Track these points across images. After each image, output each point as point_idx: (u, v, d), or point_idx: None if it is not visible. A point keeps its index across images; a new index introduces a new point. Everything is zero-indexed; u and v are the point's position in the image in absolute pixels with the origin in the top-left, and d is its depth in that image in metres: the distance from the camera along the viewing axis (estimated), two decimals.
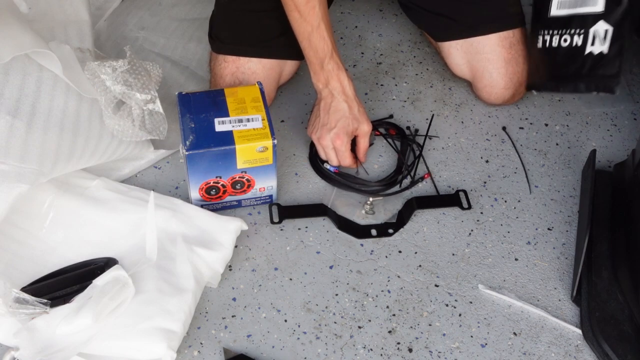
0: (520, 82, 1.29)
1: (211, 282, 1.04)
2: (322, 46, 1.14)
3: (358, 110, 1.15)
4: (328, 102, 1.16)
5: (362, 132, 1.16)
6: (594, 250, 1.06)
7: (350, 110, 1.15)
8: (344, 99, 1.15)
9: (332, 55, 1.14)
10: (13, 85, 1.02)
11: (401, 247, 1.12)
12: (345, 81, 1.14)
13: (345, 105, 1.15)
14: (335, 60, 1.14)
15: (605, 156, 1.27)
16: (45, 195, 1.07)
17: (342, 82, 1.14)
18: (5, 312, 0.92)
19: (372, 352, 0.99)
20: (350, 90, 1.15)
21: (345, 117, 1.14)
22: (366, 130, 1.16)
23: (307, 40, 1.15)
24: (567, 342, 1.01)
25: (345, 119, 1.14)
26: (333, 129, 1.14)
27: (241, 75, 1.23)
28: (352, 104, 1.15)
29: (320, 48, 1.14)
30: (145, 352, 0.93)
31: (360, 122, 1.15)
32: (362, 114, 1.16)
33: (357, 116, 1.15)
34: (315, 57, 1.15)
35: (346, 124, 1.14)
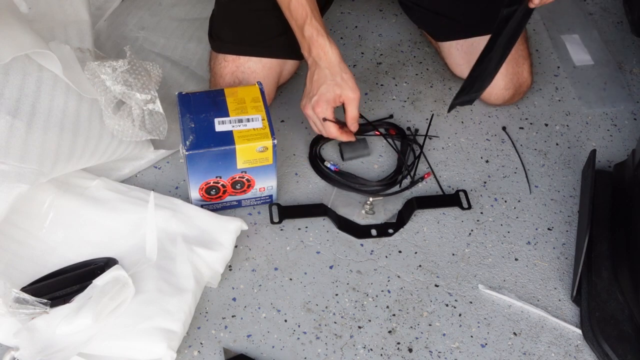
0: (521, 82, 1.29)
1: (211, 282, 1.04)
2: (301, 12, 1.11)
3: (342, 76, 1.12)
4: (312, 71, 1.14)
5: (347, 98, 1.13)
6: (594, 250, 1.06)
7: (332, 77, 1.12)
8: (325, 65, 1.12)
9: (310, 21, 1.11)
10: (13, 85, 1.02)
11: (401, 247, 1.12)
12: (326, 47, 1.11)
13: (327, 71, 1.12)
14: (314, 25, 1.11)
15: (605, 156, 1.27)
16: (45, 195, 1.07)
17: (324, 48, 1.11)
18: (5, 312, 0.92)
19: (372, 352, 0.99)
20: (333, 55, 1.12)
21: (325, 83, 1.11)
22: (351, 97, 1.12)
23: (287, 9, 1.13)
24: (567, 342, 1.01)
25: (325, 85, 1.11)
26: (314, 96, 1.12)
27: (241, 74, 1.23)
28: (334, 69, 1.12)
29: (299, 14, 1.11)
30: (145, 352, 0.93)
31: (344, 88, 1.12)
32: (346, 80, 1.12)
33: (340, 82, 1.12)
34: (296, 25, 1.13)
35: (326, 90, 1.11)
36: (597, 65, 1.44)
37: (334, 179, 1.19)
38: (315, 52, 1.12)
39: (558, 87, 1.40)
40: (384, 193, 1.19)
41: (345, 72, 1.13)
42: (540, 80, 1.40)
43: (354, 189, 1.19)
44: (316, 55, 1.12)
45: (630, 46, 1.50)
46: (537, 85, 1.39)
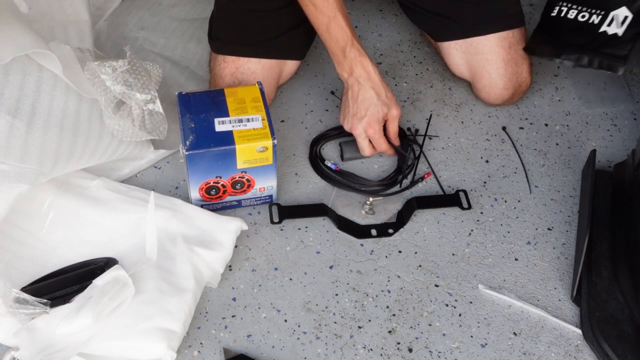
0: (520, 82, 1.29)
1: (211, 282, 1.04)
2: (342, 35, 1.14)
3: (386, 95, 1.16)
4: (355, 91, 1.16)
5: (392, 116, 1.17)
6: (594, 250, 1.06)
7: (378, 97, 1.15)
8: (370, 86, 1.15)
9: (352, 43, 1.14)
10: (13, 85, 1.02)
11: (401, 247, 1.12)
12: (369, 67, 1.15)
13: (373, 92, 1.15)
14: (356, 47, 1.14)
15: (605, 156, 1.27)
16: (45, 195, 1.07)
17: (367, 69, 1.15)
18: (5, 312, 0.92)
19: (372, 352, 0.99)
20: (375, 75, 1.15)
21: (374, 104, 1.15)
22: (395, 114, 1.17)
23: (326, 32, 1.15)
24: (567, 342, 1.01)
25: (374, 106, 1.15)
26: (364, 118, 1.15)
27: (241, 75, 1.23)
28: (380, 89, 1.15)
29: (340, 37, 1.14)
30: (145, 352, 0.93)
31: (390, 106, 1.16)
32: (390, 98, 1.16)
33: (386, 101, 1.16)
34: (337, 47, 1.15)
35: (376, 111, 1.15)
36: None
37: (334, 178, 1.20)
38: (358, 73, 1.15)
39: (558, 87, 1.40)
40: (384, 193, 1.19)
41: (388, 90, 1.17)
42: (540, 80, 1.40)
43: (354, 189, 1.19)
44: (359, 76, 1.15)
45: None
46: (537, 85, 1.39)
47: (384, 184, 1.19)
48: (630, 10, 1.14)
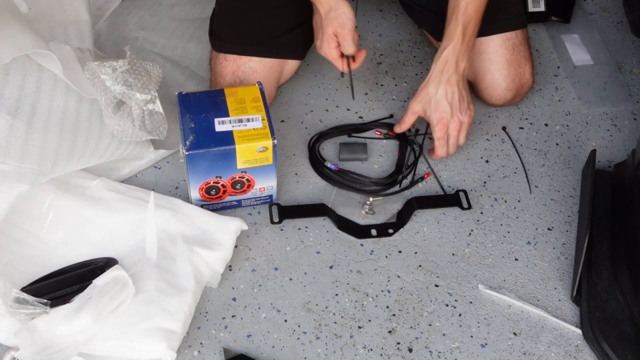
0: (522, 83, 1.29)
1: (211, 282, 1.04)
2: None
3: (331, 16, 1.14)
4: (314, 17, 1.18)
5: (339, 34, 1.16)
6: (594, 250, 1.06)
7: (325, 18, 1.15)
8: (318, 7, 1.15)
9: None
10: (13, 85, 1.02)
11: (401, 247, 1.12)
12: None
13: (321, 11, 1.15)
14: None
15: (605, 156, 1.27)
16: (45, 195, 1.07)
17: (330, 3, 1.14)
18: (5, 312, 0.92)
19: (372, 352, 0.99)
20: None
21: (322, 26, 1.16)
22: (340, 32, 1.15)
23: None
24: (567, 342, 1.01)
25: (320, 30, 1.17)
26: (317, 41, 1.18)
27: (242, 74, 1.23)
28: (326, 10, 1.14)
29: None
30: (145, 352, 0.93)
31: (333, 25, 1.14)
32: (334, 17, 1.14)
33: (329, 22, 1.15)
34: None
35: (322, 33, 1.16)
36: (597, 65, 1.44)
37: (334, 178, 1.19)
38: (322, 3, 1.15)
39: (558, 87, 1.40)
40: (383, 193, 1.19)
41: (334, 10, 1.14)
42: (540, 80, 1.40)
43: (354, 188, 1.19)
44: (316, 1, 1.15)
45: (630, 46, 1.50)
46: (537, 85, 1.39)
47: (384, 184, 1.19)
48: None
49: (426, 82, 1.18)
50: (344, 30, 1.15)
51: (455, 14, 1.15)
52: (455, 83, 1.16)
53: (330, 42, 1.17)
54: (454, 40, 1.15)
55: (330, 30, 1.15)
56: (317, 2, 1.15)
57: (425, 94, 1.18)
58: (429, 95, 1.17)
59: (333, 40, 1.17)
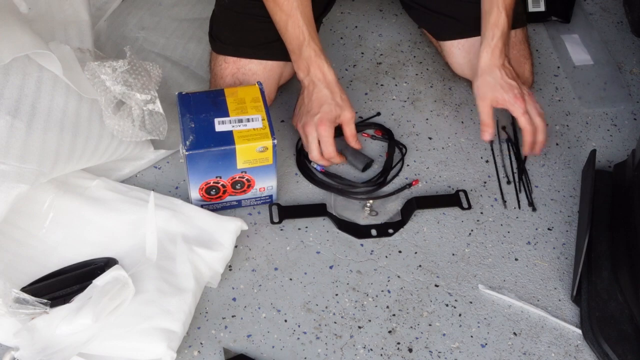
0: (522, 82, 1.29)
1: (211, 282, 1.04)
2: (297, 34, 1.14)
3: (340, 97, 1.15)
4: (310, 90, 1.16)
5: (345, 119, 1.16)
6: (594, 250, 1.06)
7: (332, 97, 1.15)
8: (325, 86, 1.15)
9: (308, 43, 1.14)
10: (13, 86, 1.02)
11: (401, 247, 1.12)
12: (324, 67, 1.15)
13: (327, 91, 1.15)
14: (312, 47, 1.14)
15: (605, 156, 1.27)
16: (45, 195, 1.07)
17: (322, 69, 1.15)
18: (5, 312, 0.92)
19: (372, 352, 0.99)
20: (331, 76, 1.15)
21: (327, 103, 1.14)
22: (349, 117, 1.16)
23: (284, 30, 1.16)
24: (567, 342, 1.01)
25: (327, 105, 1.14)
26: (316, 115, 1.14)
27: (242, 76, 1.23)
28: (334, 89, 1.15)
29: (295, 36, 1.15)
30: (145, 352, 0.93)
31: (343, 108, 1.15)
32: (344, 100, 1.16)
33: (340, 103, 1.15)
34: (292, 45, 1.16)
35: (329, 109, 1.14)
36: (597, 65, 1.44)
37: (321, 180, 1.19)
38: (314, 72, 1.15)
39: (558, 87, 1.40)
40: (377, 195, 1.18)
41: (342, 92, 1.17)
42: (540, 80, 1.40)
43: (341, 190, 1.18)
44: (314, 75, 1.15)
45: (630, 46, 1.50)
46: (537, 85, 1.39)
47: (371, 185, 1.19)
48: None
49: (482, 74, 1.18)
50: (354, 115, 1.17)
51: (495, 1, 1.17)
52: (509, 66, 1.18)
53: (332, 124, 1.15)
54: (501, 29, 1.16)
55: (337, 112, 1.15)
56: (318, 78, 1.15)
57: (487, 84, 1.17)
58: (491, 82, 1.17)
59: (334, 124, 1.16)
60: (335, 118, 1.15)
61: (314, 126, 1.14)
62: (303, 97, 1.18)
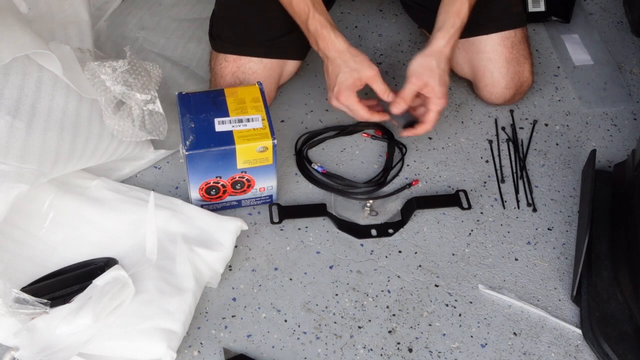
0: (522, 82, 1.29)
1: (211, 282, 1.04)
2: (303, 7, 1.14)
3: (354, 60, 1.14)
4: (326, 64, 1.16)
5: (367, 77, 1.15)
6: (594, 250, 1.06)
7: (345, 64, 1.14)
8: (336, 56, 1.14)
9: (313, 15, 1.13)
10: (13, 86, 1.02)
11: (401, 247, 1.12)
12: (332, 37, 1.14)
13: (340, 60, 1.14)
14: (317, 19, 1.13)
15: (605, 156, 1.27)
16: (45, 195, 1.07)
17: (329, 40, 1.14)
18: (5, 312, 0.92)
19: (372, 352, 0.99)
20: (339, 43, 1.14)
21: (342, 71, 1.14)
22: (370, 75, 1.14)
23: (289, 6, 1.15)
24: (567, 342, 1.01)
25: (342, 73, 1.14)
26: (335, 87, 1.14)
27: (242, 74, 1.23)
28: (346, 56, 1.14)
29: (301, 10, 1.14)
30: (145, 352, 0.93)
31: (360, 70, 1.14)
32: (360, 62, 1.14)
33: (355, 66, 1.14)
34: (300, 21, 1.15)
35: (344, 78, 1.14)
36: (597, 65, 1.44)
37: (322, 181, 1.19)
38: (323, 45, 1.14)
39: (558, 87, 1.40)
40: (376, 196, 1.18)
41: (356, 55, 1.15)
42: (540, 80, 1.40)
43: (341, 191, 1.18)
44: (324, 48, 1.14)
45: (630, 46, 1.50)
46: (537, 85, 1.39)
47: (372, 185, 1.19)
48: None
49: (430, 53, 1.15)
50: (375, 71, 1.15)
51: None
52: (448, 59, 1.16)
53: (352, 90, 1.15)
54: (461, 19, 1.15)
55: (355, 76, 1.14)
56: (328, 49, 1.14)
57: (431, 66, 1.14)
58: (436, 68, 1.14)
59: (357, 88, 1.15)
60: (355, 82, 1.14)
61: (336, 99, 1.15)
62: (325, 74, 1.18)
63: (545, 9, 1.50)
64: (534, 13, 1.50)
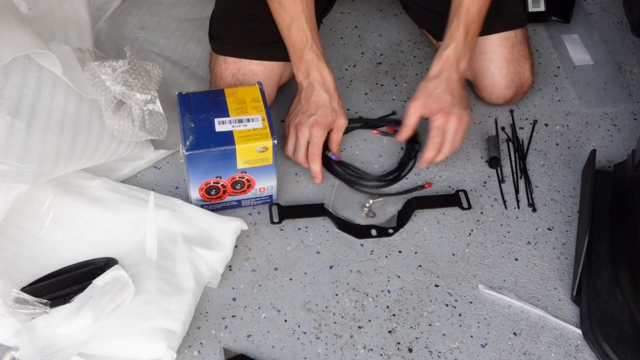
0: (522, 82, 1.29)
1: (211, 282, 1.04)
2: (301, 37, 1.15)
3: (338, 102, 1.17)
4: (309, 93, 1.17)
5: (339, 125, 1.18)
6: (594, 250, 1.06)
7: (330, 101, 1.16)
8: (324, 90, 1.16)
9: (311, 46, 1.15)
10: (13, 86, 1.02)
11: (401, 247, 1.12)
12: (325, 72, 1.16)
13: (326, 95, 1.16)
14: (314, 51, 1.16)
15: (605, 156, 1.27)
16: (45, 195, 1.07)
17: (323, 74, 1.16)
18: (5, 312, 0.92)
19: (372, 352, 0.99)
20: (330, 82, 1.17)
21: (325, 107, 1.16)
22: (342, 124, 1.18)
23: (286, 31, 1.17)
24: (567, 342, 1.01)
25: (325, 108, 1.16)
26: (313, 116, 1.15)
27: (242, 76, 1.23)
28: (333, 95, 1.17)
29: (299, 39, 1.16)
30: (145, 352, 0.93)
31: (339, 115, 1.17)
32: (340, 107, 1.18)
33: (336, 109, 1.17)
34: (294, 48, 1.17)
35: (325, 113, 1.16)
36: (597, 65, 1.44)
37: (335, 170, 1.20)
38: (314, 75, 1.16)
39: (558, 87, 1.40)
40: (381, 192, 1.18)
41: (339, 99, 1.18)
42: (540, 80, 1.40)
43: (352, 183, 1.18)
44: (314, 78, 1.17)
45: (630, 46, 1.50)
46: (537, 85, 1.39)
47: (384, 180, 1.19)
48: None
49: (426, 80, 1.17)
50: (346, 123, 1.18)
51: (458, 14, 1.16)
52: (456, 81, 1.16)
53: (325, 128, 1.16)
54: (456, 41, 1.15)
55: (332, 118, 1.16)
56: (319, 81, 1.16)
57: (425, 90, 1.16)
58: (429, 90, 1.15)
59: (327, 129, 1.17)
60: (330, 123, 1.17)
61: (308, 127, 1.16)
62: (300, 98, 1.19)
63: (545, 9, 1.50)
64: (534, 13, 1.50)
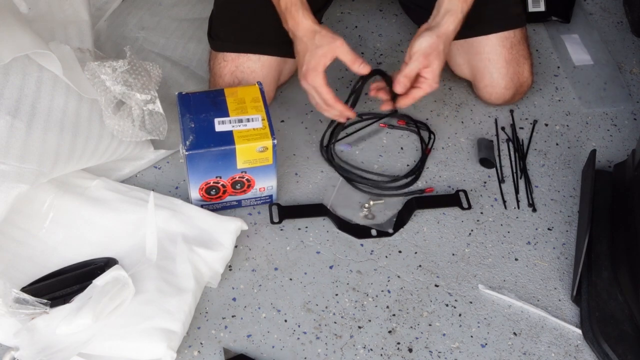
0: (521, 82, 1.29)
1: (211, 282, 1.04)
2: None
3: (318, 38, 1.10)
4: (296, 45, 1.14)
5: (332, 49, 1.10)
6: (594, 250, 1.06)
7: (310, 42, 1.10)
8: (302, 34, 1.11)
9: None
10: (13, 86, 1.02)
11: (401, 247, 1.12)
12: (299, 16, 1.10)
13: (306, 39, 1.11)
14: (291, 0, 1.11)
15: (605, 156, 1.27)
16: (45, 195, 1.07)
17: (296, 18, 1.11)
18: (5, 312, 0.92)
19: (372, 352, 0.99)
20: (306, 22, 1.10)
21: (308, 51, 1.10)
22: (334, 45, 1.09)
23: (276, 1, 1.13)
24: (567, 342, 1.01)
25: (309, 53, 1.10)
26: (303, 67, 1.12)
27: (240, 74, 1.23)
28: (309, 35, 1.10)
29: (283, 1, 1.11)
30: (145, 352, 0.93)
31: (323, 45, 1.10)
32: (322, 36, 1.10)
33: (319, 43, 1.10)
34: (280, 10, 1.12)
35: (309, 58, 1.10)
36: (597, 65, 1.44)
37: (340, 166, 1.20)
38: (291, 24, 1.12)
39: (558, 87, 1.40)
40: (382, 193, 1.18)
41: (319, 31, 1.10)
42: (540, 80, 1.40)
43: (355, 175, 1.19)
44: (292, 27, 1.12)
45: (630, 46, 1.50)
46: (537, 85, 1.39)
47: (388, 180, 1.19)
48: None
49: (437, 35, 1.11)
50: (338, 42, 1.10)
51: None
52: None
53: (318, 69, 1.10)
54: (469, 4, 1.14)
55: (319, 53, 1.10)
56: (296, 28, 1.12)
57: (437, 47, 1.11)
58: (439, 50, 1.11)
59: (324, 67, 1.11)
60: (321, 59, 1.10)
61: (304, 81, 1.12)
62: (295, 55, 1.15)
63: (545, 9, 1.50)
64: (534, 13, 1.50)
